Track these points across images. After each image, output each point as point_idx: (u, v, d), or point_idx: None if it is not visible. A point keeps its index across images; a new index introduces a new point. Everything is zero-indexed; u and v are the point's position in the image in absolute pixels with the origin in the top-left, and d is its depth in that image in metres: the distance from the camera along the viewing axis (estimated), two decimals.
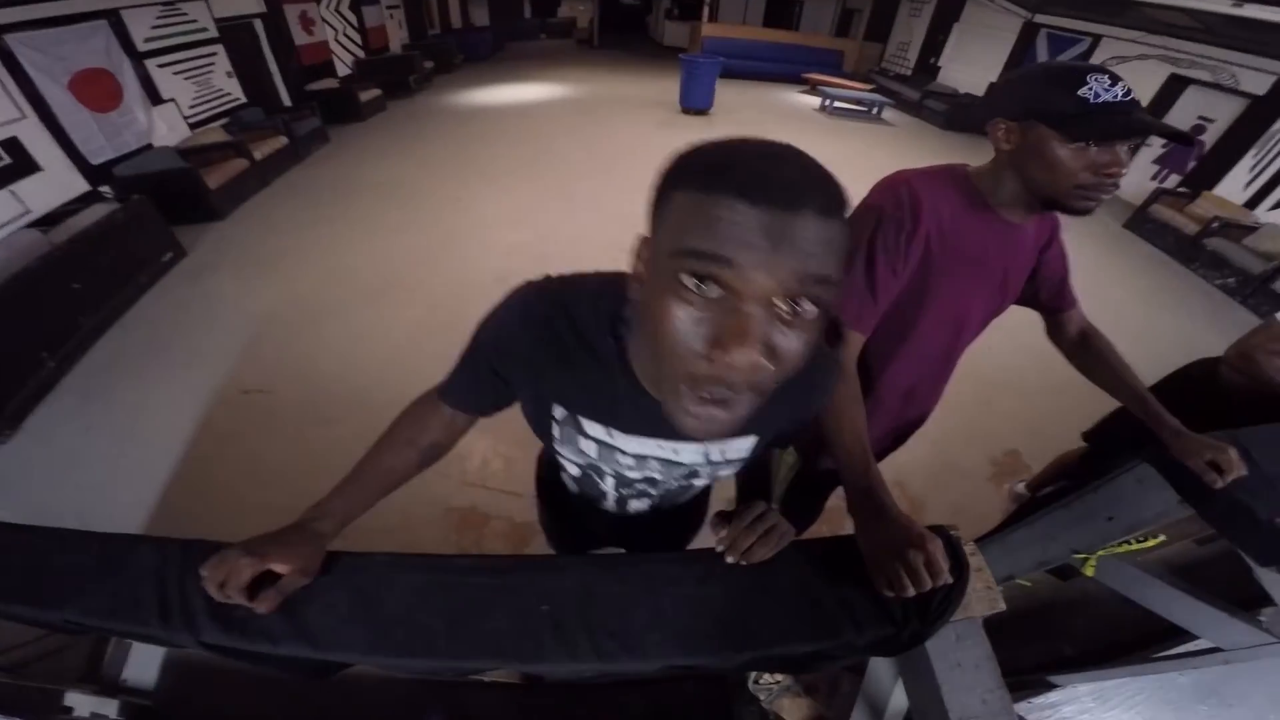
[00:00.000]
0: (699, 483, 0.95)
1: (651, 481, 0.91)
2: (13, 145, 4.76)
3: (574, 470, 0.96)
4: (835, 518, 2.04)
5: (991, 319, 1.36)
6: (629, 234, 2.71)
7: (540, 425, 0.85)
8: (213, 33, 7.18)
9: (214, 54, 7.20)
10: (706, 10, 12.54)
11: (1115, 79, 0.96)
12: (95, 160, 5.45)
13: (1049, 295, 1.38)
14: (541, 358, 0.74)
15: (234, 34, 7.53)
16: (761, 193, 0.44)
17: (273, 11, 8.26)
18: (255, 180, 6.30)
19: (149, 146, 6.03)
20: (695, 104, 9.22)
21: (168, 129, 6.37)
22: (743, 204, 0.44)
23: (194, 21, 6.89)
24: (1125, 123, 0.95)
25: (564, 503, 1.18)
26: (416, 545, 2.21)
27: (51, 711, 1.10)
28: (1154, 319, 4.86)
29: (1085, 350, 1.42)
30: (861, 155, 7.48)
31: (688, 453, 0.82)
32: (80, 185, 5.30)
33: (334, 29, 9.97)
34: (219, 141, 6.36)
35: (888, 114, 10.74)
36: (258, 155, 6.40)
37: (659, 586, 0.80)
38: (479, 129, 8.13)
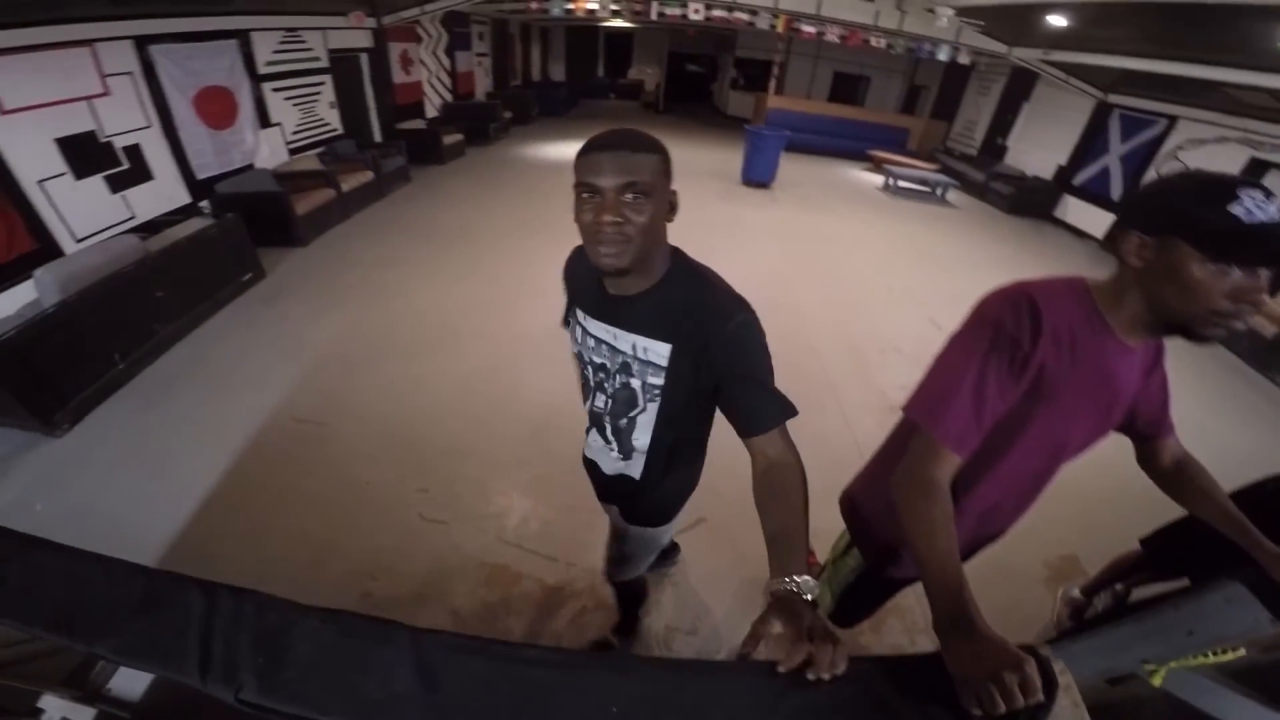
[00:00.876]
0: (634, 383, 1.21)
1: (604, 370, 1.26)
2: (134, 153, 5.14)
3: (576, 366, 1.36)
4: None
5: (1091, 445, 1.24)
6: None
7: (571, 328, 1.33)
8: (324, 63, 7.70)
9: (322, 84, 7.72)
10: (773, 82, 12.90)
11: (1269, 194, 0.86)
12: (200, 175, 5.82)
13: (1146, 422, 1.29)
14: (575, 268, 1.31)
15: (342, 66, 8.08)
16: (600, 145, 0.97)
17: (379, 48, 8.84)
18: (338, 212, 6.64)
19: (250, 167, 6.43)
20: (757, 177, 9.31)
21: (269, 152, 6.78)
22: (594, 153, 0.97)
23: (310, 50, 7.41)
24: None
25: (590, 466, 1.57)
26: (443, 596, 2.34)
27: (20, 713, 1.08)
28: (1222, 428, 4.38)
29: (1181, 479, 1.31)
30: (923, 237, 7.32)
31: (622, 339, 1.18)
32: (183, 198, 5.65)
33: (429, 70, 10.61)
34: (312, 170, 6.73)
35: (951, 195, 10.63)
36: (345, 187, 6.75)
37: (732, 699, 0.77)
38: (548, 183, 8.42)
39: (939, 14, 8.26)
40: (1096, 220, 9.04)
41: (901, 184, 10.63)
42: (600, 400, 1.33)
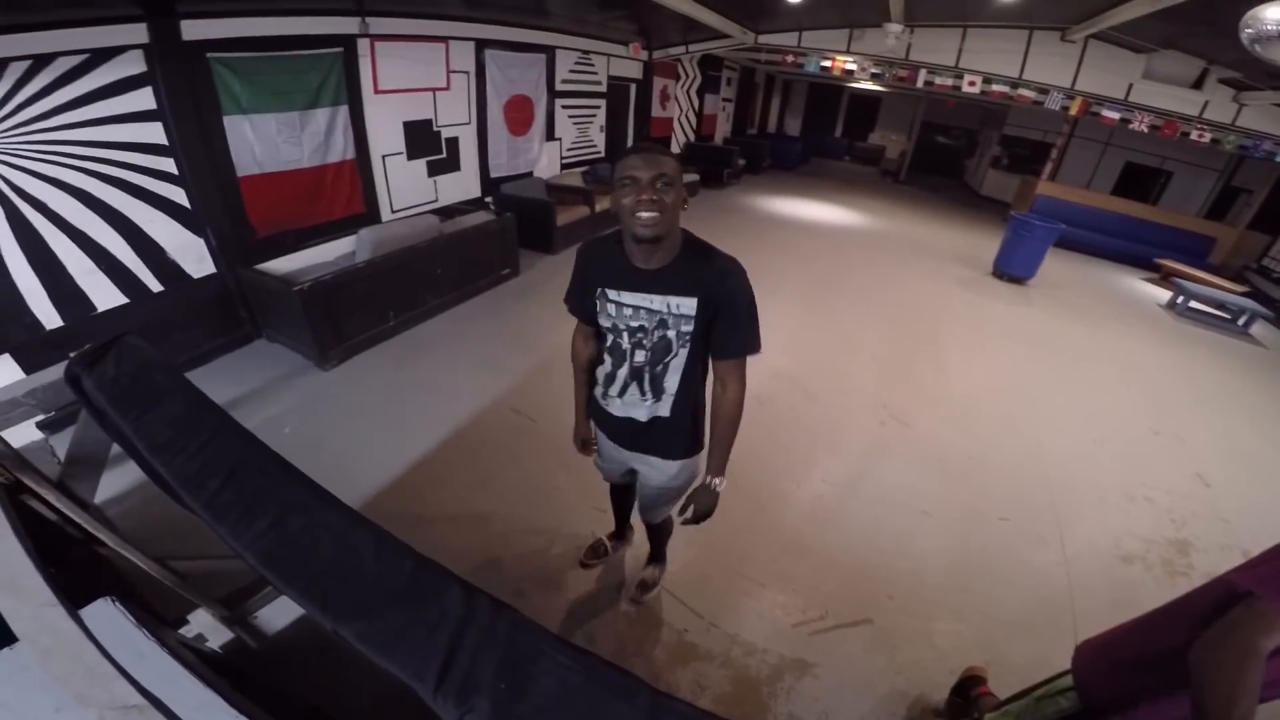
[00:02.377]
0: (670, 334, 1.55)
1: (643, 330, 1.57)
2: (453, 145, 5.67)
3: (607, 339, 1.66)
4: None
5: None
6: (901, 394, 4.12)
7: (596, 308, 1.61)
8: (603, 88, 8.21)
9: (598, 107, 8.21)
10: (1049, 166, 11.30)
11: None
12: (493, 174, 6.31)
13: None
14: (593, 259, 1.62)
15: (615, 93, 8.58)
16: (635, 151, 1.36)
17: (646, 80, 9.29)
18: (588, 229, 6.80)
19: (529, 174, 6.90)
20: (1014, 270, 7.95)
21: (548, 162, 7.26)
22: (631, 156, 1.35)
23: (595, 74, 7.93)
24: None
25: (601, 415, 1.85)
26: (587, 619, 2.38)
27: (167, 620, 1.11)
28: None
29: None
30: (1210, 375, 5.75)
31: (658, 301, 1.52)
32: (475, 191, 6.15)
33: (680, 108, 10.96)
34: (576, 187, 7.09)
35: (1259, 329, 8.36)
36: (598, 208, 6.97)
37: None
38: (772, 238, 8.08)
39: None
40: None
41: (1194, 305, 8.40)
42: (640, 356, 1.62)
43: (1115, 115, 7.68)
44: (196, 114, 3.57)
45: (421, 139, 5.30)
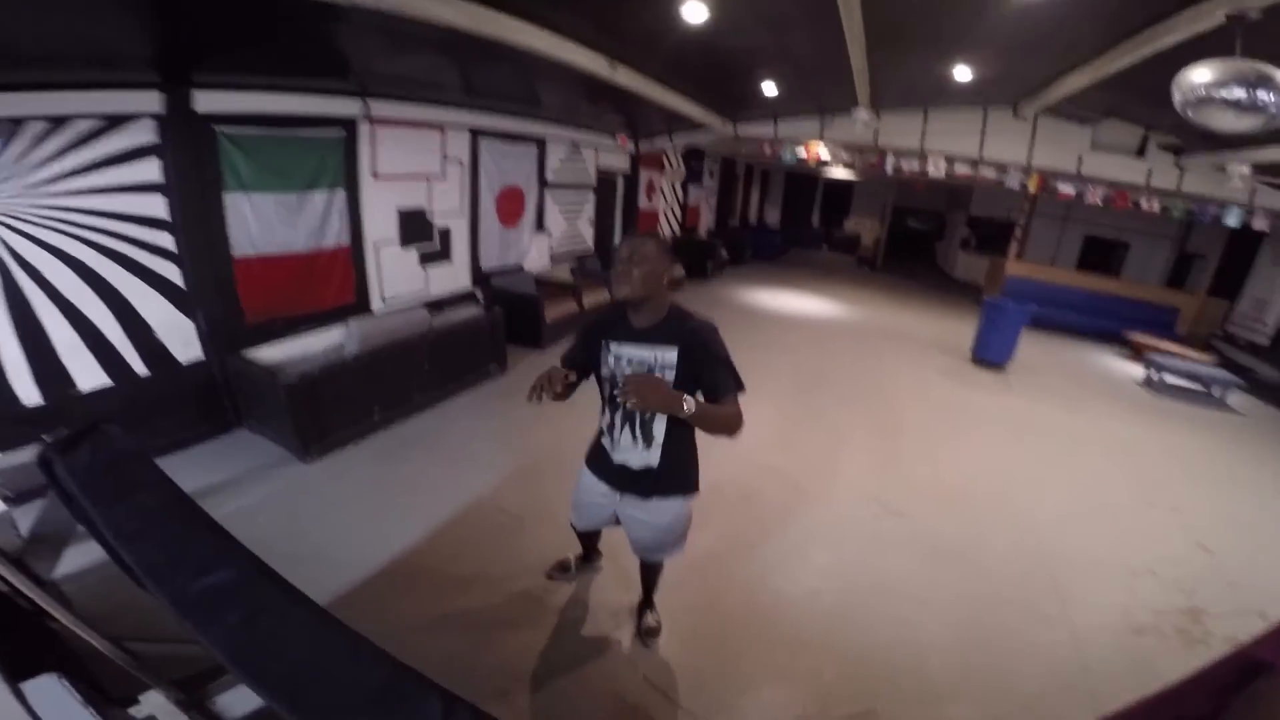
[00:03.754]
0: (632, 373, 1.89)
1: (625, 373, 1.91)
2: (445, 235, 5.81)
3: (606, 389, 2.02)
4: None
5: None
6: (891, 485, 4.16)
7: (601, 361, 1.97)
8: (592, 181, 8.49)
9: (587, 200, 8.48)
10: (1014, 245, 11.57)
11: None
12: (484, 266, 6.42)
13: None
14: (602, 320, 2.00)
15: (603, 186, 8.88)
16: (625, 239, 1.99)
17: (633, 173, 9.64)
18: (574, 324, 6.74)
19: (520, 268, 7.01)
20: (991, 356, 8.03)
21: (537, 255, 7.39)
22: (622, 243, 1.89)
23: (584, 166, 8.23)
24: None
25: (598, 460, 2.18)
26: None
27: (115, 700, 1.09)
28: None
29: None
30: (1195, 448, 5.82)
31: (647, 351, 1.88)
32: (465, 283, 6.22)
33: (665, 201, 11.39)
34: (563, 281, 7.16)
35: (1235, 398, 8.47)
36: (586, 303, 7.01)
37: None
38: (757, 332, 8.18)
39: (1230, 172, 6.98)
40: None
41: (1169, 379, 8.65)
42: (615, 398, 1.93)
43: (1070, 190, 8.19)
44: (199, 189, 3.68)
45: (415, 227, 5.42)
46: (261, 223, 4.06)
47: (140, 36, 3.09)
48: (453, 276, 6.02)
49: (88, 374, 3.37)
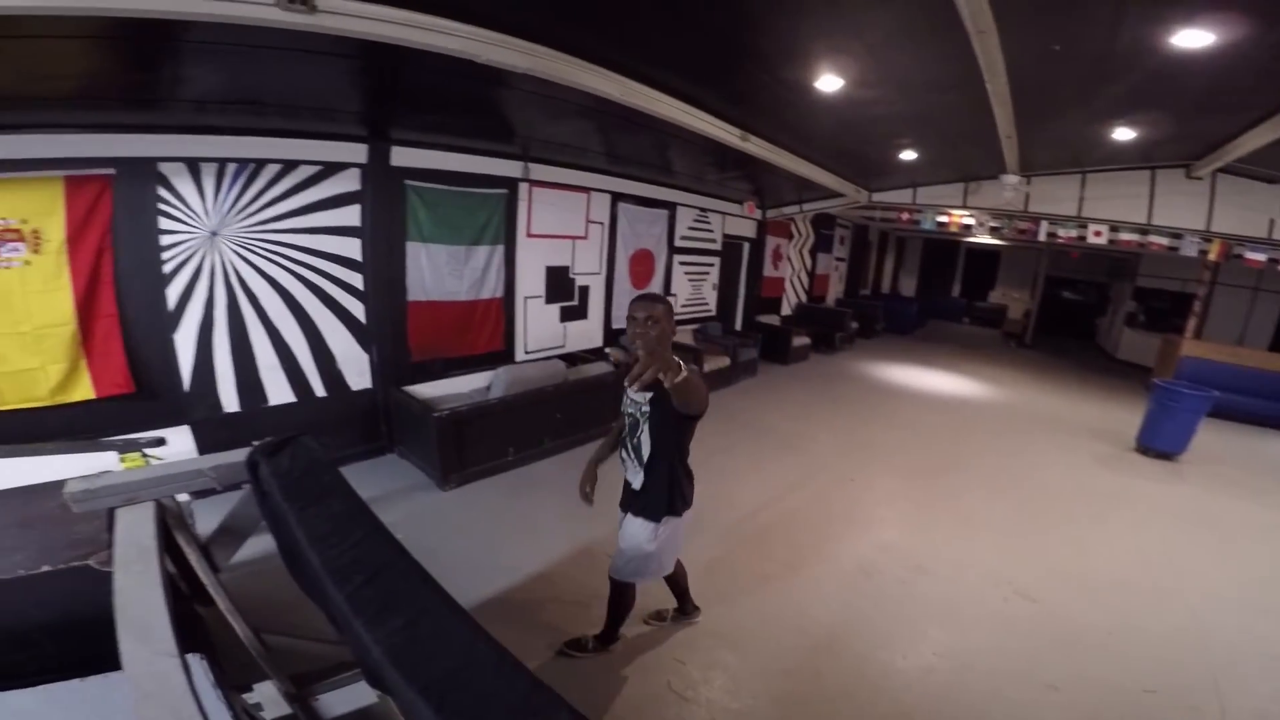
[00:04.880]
0: (641, 418, 2.27)
1: (630, 414, 2.32)
2: (584, 293, 6.18)
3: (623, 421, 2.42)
4: None
5: None
6: (1026, 569, 3.81)
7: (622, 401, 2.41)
8: (718, 246, 8.62)
9: (712, 265, 8.61)
10: (1193, 322, 10.04)
11: None
12: (615, 325, 6.71)
13: None
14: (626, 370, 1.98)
15: (729, 251, 8.94)
16: (635, 300, 2.21)
17: (759, 239, 9.60)
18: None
19: None
20: (1161, 445, 6.78)
21: None
22: (633, 303, 2.19)
23: (712, 232, 8.39)
24: None
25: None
26: None
27: (234, 686, 1.19)
28: None
29: None
30: None
31: (640, 395, 2.21)
32: (597, 340, 6.54)
33: (793, 268, 11.18)
34: (684, 344, 7.23)
35: None
36: (705, 368, 6.89)
37: None
38: (887, 410, 7.70)
39: None
40: None
41: None
42: (628, 430, 2.37)
43: (1260, 257, 6.93)
44: (388, 235, 4.28)
45: (559, 284, 5.83)
46: (434, 271, 4.59)
47: (355, 95, 3.68)
48: (587, 333, 6.36)
49: (278, 390, 3.95)
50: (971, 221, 8.19)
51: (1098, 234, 7.43)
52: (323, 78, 3.20)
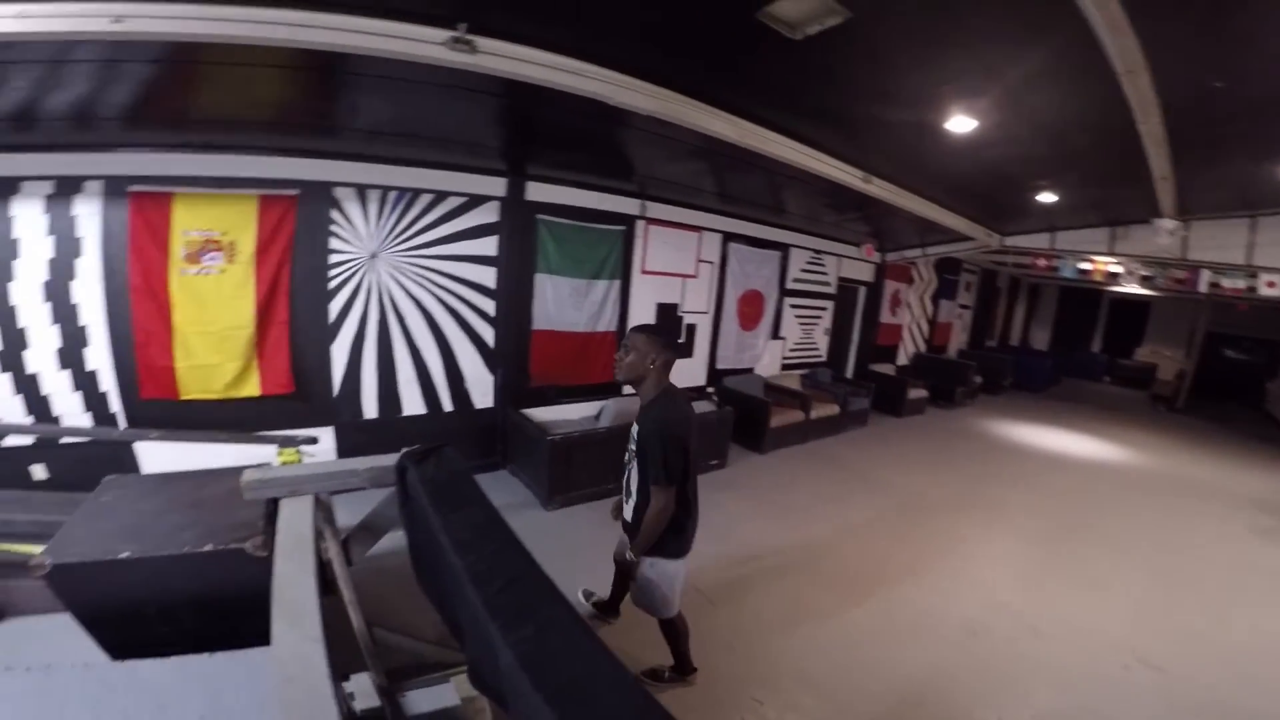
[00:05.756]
0: (632, 447, 2.38)
1: (629, 449, 2.43)
2: (690, 331, 6.22)
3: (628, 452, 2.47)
4: None
5: None
6: (1153, 638, 3.54)
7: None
8: (832, 290, 8.28)
9: (825, 309, 8.31)
10: None
11: None
12: (719, 365, 6.66)
13: None
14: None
15: (844, 295, 8.58)
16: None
17: (876, 283, 9.08)
18: (798, 435, 6.59)
19: (750, 371, 7.10)
20: None
21: (769, 361, 7.43)
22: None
23: (826, 274, 8.08)
24: None
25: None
26: None
27: (336, 676, 1.20)
28: None
29: None
30: None
31: (635, 428, 2.35)
32: (701, 379, 6.53)
33: (911, 315, 10.48)
34: (792, 390, 7.01)
35: None
36: (812, 414, 6.74)
37: None
38: (1010, 470, 7.05)
39: None
40: None
41: None
42: (627, 459, 2.48)
43: None
44: (519, 266, 4.58)
45: (668, 321, 5.92)
46: (557, 302, 4.84)
47: (499, 131, 3.96)
48: (691, 371, 6.37)
49: (412, 402, 4.28)
50: (1119, 270, 7.40)
51: (1271, 285, 6.45)
52: (472, 114, 3.49)
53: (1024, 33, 2.64)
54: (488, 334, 4.52)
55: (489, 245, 4.42)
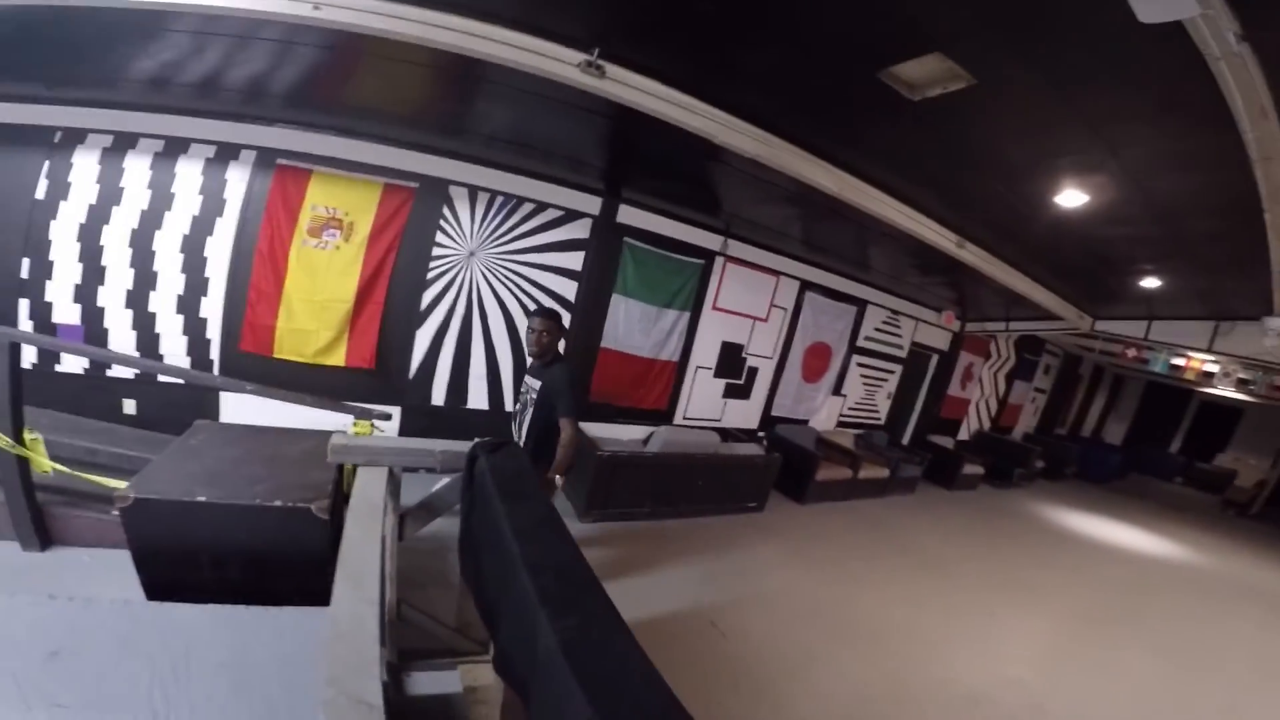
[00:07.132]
0: (531, 396, 3.00)
1: (527, 398, 3.04)
2: (751, 374, 6.22)
3: (518, 403, 3.22)
4: None
5: None
6: None
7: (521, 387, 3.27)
8: (903, 353, 8.03)
9: (892, 372, 8.07)
10: None
11: None
12: (774, 412, 6.62)
13: None
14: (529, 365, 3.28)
15: (914, 361, 8.30)
16: (531, 315, 3.09)
17: (951, 353, 8.75)
18: (842, 492, 6.47)
19: (805, 422, 7.01)
20: None
21: (826, 416, 7.30)
22: (530, 318, 3.06)
23: (899, 336, 7.84)
24: None
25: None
26: None
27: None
28: None
29: None
30: None
31: (533, 382, 3.01)
32: (753, 423, 6.50)
33: (982, 391, 10.05)
34: (844, 447, 6.88)
35: None
36: (860, 475, 6.59)
37: None
38: (1056, 556, 6.71)
39: None
40: None
41: None
42: (520, 409, 3.08)
43: None
44: (599, 284, 4.74)
45: (730, 361, 5.94)
46: (627, 324, 4.98)
47: (603, 152, 4.12)
48: (745, 413, 6.35)
49: (477, 396, 4.48)
50: (1215, 369, 6.93)
51: None
52: (585, 133, 3.66)
53: (1155, 112, 2.56)
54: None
55: (575, 259, 4.61)
